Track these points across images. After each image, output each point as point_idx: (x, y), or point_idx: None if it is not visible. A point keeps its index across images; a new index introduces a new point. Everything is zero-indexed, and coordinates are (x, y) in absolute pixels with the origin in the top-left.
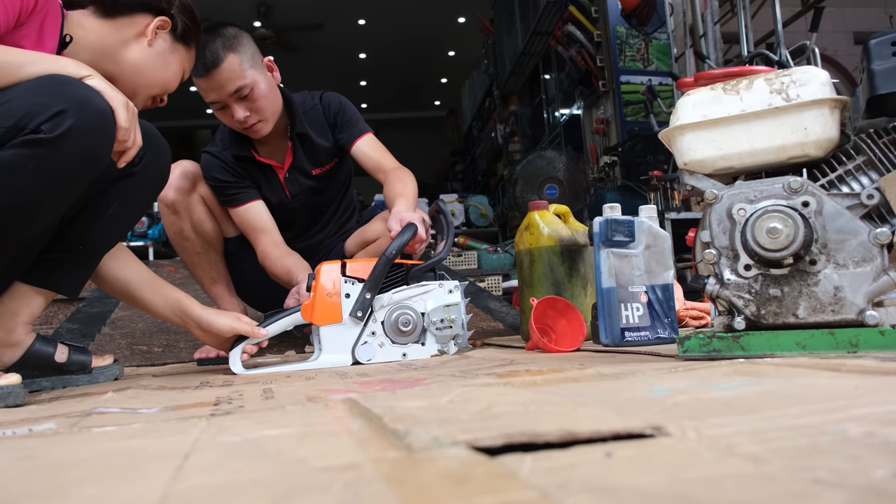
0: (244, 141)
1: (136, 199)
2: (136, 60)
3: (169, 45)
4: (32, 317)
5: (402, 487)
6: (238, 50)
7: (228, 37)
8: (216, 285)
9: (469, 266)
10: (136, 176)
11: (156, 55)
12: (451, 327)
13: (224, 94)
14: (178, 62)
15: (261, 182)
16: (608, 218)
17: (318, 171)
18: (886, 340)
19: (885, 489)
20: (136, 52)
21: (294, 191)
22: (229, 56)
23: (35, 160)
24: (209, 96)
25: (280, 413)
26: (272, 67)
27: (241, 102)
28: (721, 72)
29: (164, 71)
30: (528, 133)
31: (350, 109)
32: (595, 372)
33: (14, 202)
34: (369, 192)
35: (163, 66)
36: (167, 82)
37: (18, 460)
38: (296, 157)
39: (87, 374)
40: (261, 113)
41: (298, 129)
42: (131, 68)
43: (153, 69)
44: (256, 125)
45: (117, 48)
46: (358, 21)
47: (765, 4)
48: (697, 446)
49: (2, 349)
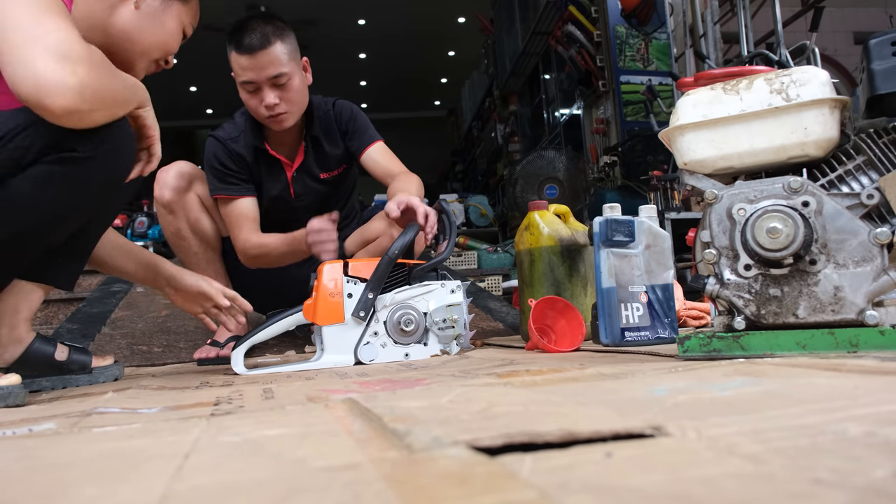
0: (259, 132)
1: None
2: (125, 26)
3: (160, 3)
4: (32, 312)
5: (402, 487)
6: (285, 40)
7: (279, 26)
8: None
9: (469, 266)
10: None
11: (147, 17)
12: (454, 327)
13: (262, 77)
14: (175, 19)
15: (264, 177)
16: (608, 218)
17: (326, 175)
18: (886, 340)
19: (886, 489)
20: (124, 17)
21: (299, 191)
22: (277, 42)
23: (68, 178)
24: (246, 75)
25: (280, 413)
26: (307, 68)
27: (275, 89)
28: (721, 72)
29: (160, 32)
30: (528, 133)
31: (361, 117)
32: (595, 372)
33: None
34: (369, 193)
35: (157, 28)
36: (165, 43)
37: (18, 460)
38: (307, 157)
39: (87, 374)
40: (290, 104)
41: (314, 132)
42: (122, 35)
43: (146, 33)
44: (282, 115)
45: (105, 17)
46: (358, 21)
47: (765, 4)
48: (697, 446)
49: (6, 345)
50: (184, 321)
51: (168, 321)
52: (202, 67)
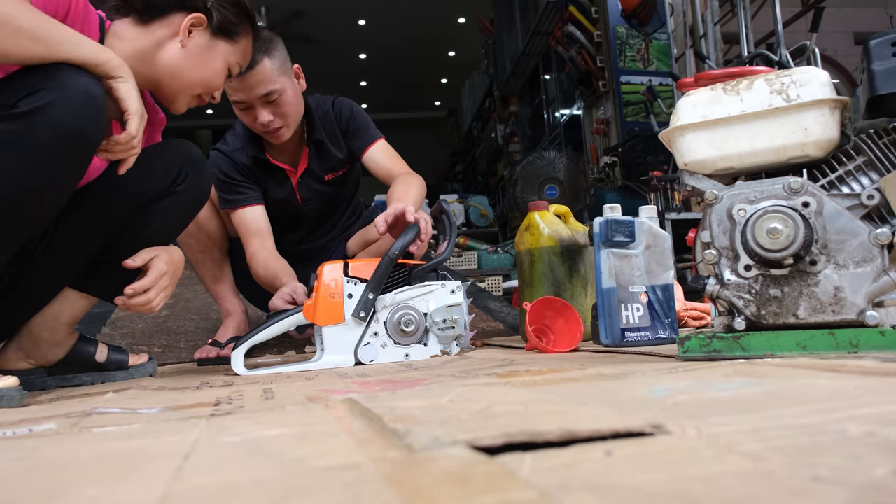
0: (258, 143)
1: (175, 216)
2: (170, 62)
3: (206, 41)
4: (74, 318)
5: (403, 487)
6: (272, 55)
7: (264, 40)
8: (219, 284)
9: (469, 266)
10: (178, 195)
11: (192, 54)
12: (454, 328)
13: (253, 97)
14: (220, 58)
15: (269, 185)
16: (608, 218)
17: (331, 176)
18: (887, 341)
19: (886, 486)
20: (170, 53)
21: (305, 195)
22: (264, 60)
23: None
24: (236, 96)
25: (280, 413)
26: (299, 75)
27: (268, 106)
28: (721, 72)
29: (203, 69)
30: (528, 133)
31: (361, 115)
32: (595, 372)
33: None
34: (370, 192)
35: (199, 65)
36: (208, 81)
37: (18, 460)
38: (310, 163)
39: (124, 372)
40: (285, 119)
41: (316, 136)
42: (166, 70)
43: (188, 69)
44: (279, 130)
45: (153, 52)
46: (358, 21)
47: (765, 5)
48: (697, 444)
49: (47, 347)
50: (184, 321)
51: (168, 321)
52: None
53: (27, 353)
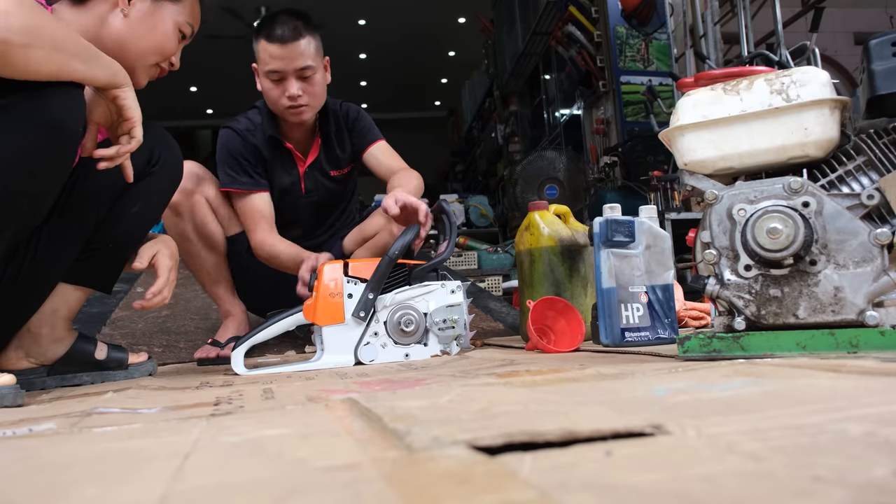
0: (275, 125)
1: (156, 198)
2: (116, 35)
3: (148, 6)
4: (71, 313)
5: (403, 487)
6: (315, 36)
7: (309, 22)
8: (217, 286)
9: (469, 266)
10: (155, 175)
11: (137, 22)
12: (454, 328)
13: (290, 67)
14: (168, 20)
15: (276, 170)
16: (608, 218)
17: (336, 173)
18: (887, 341)
19: (886, 486)
20: (114, 26)
21: (309, 187)
22: (307, 36)
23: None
24: (274, 64)
25: (280, 413)
26: (328, 68)
27: (300, 81)
28: (721, 72)
29: (152, 36)
30: (528, 133)
31: (366, 118)
32: (595, 372)
33: None
34: (370, 192)
35: (147, 32)
36: (160, 46)
37: (18, 460)
38: (320, 154)
39: (123, 371)
40: (312, 98)
41: (328, 129)
42: (115, 44)
43: (137, 38)
44: (303, 108)
45: (97, 29)
46: (358, 21)
47: (765, 5)
48: (697, 444)
49: (47, 344)
50: (184, 321)
51: (168, 321)
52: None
53: (27, 352)
